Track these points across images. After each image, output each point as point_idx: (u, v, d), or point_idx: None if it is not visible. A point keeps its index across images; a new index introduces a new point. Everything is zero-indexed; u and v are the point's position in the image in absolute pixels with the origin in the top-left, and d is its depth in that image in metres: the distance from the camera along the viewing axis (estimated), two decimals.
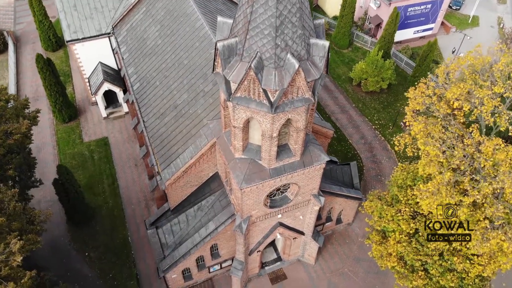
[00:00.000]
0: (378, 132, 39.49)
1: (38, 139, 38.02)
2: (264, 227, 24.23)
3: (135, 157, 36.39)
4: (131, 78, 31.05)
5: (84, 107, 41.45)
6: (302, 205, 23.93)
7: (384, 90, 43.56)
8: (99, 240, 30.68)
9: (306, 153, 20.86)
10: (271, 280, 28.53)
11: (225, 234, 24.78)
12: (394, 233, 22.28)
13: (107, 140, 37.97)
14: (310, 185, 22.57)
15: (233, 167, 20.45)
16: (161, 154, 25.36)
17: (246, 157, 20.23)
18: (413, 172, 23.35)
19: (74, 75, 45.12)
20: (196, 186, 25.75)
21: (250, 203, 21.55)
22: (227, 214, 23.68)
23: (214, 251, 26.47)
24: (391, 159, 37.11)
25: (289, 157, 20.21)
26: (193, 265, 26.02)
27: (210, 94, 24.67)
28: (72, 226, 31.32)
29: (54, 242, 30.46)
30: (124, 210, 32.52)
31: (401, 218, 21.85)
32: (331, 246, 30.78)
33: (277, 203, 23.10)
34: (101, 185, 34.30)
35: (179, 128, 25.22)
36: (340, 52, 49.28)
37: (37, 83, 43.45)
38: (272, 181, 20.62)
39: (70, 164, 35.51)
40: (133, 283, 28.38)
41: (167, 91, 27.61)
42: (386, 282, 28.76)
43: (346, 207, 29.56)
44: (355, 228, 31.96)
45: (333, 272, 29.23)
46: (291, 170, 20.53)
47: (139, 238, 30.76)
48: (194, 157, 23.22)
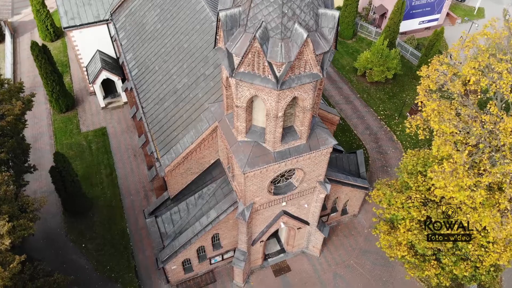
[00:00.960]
0: (384, 123, 38.45)
1: (35, 129, 37.14)
2: (268, 215, 23.22)
3: (134, 147, 35.40)
4: (130, 64, 30.04)
5: (82, 97, 40.45)
6: (308, 193, 22.92)
7: (390, 80, 42.54)
8: (97, 231, 29.68)
9: (313, 136, 19.85)
10: (275, 272, 27.51)
11: (227, 223, 23.78)
12: (404, 221, 21.27)
13: (105, 130, 36.98)
14: (316, 171, 21.56)
15: (236, 151, 19.44)
16: (160, 140, 24.36)
17: (249, 140, 19.22)
18: (423, 158, 22.35)
19: (72, 65, 44.17)
20: (197, 174, 24.74)
21: (253, 189, 20.54)
22: (229, 201, 22.67)
23: (216, 241, 25.47)
24: (397, 149, 36.07)
25: (294, 140, 19.19)
26: (193, 256, 25.02)
27: (212, 77, 23.65)
28: (69, 217, 30.34)
29: (49, 234, 29.48)
30: (122, 201, 31.52)
31: (412, 205, 20.85)
32: (336, 237, 29.76)
33: (281, 190, 22.09)
34: (98, 175, 33.31)
35: (179, 113, 24.20)
36: (344, 43, 48.23)
37: (34, 74, 42.53)
38: (277, 166, 19.61)
39: (67, 154, 34.46)
40: (131, 275, 27.38)
41: (166, 76, 26.59)
42: (393, 274, 27.73)
43: (352, 197, 28.53)
44: (361, 219, 30.94)
45: (338, 264, 28.21)
46: (296, 154, 19.52)
47: (138, 230, 29.77)
48: (194, 142, 22.19)
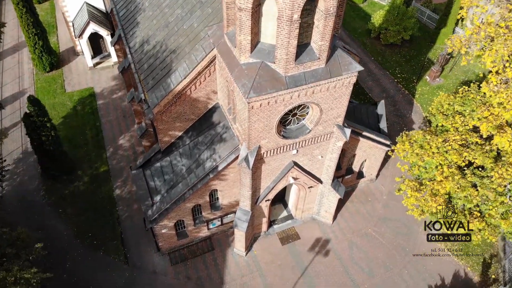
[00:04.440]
0: (401, 86, 34.76)
1: (15, 89, 33.61)
2: (275, 166, 19.59)
3: (123, 109, 31.77)
4: (117, 5, 26.34)
5: (68, 58, 36.79)
6: (323, 139, 19.28)
7: (406, 43, 38.83)
8: (78, 195, 26.06)
9: (333, 60, 16.20)
10: (281, 240, 23.90)
11: (227, 179, 20.18)
12: (441, 167, 17.62)
13: (92, 91, 33.32)
14: (334, 109, 17.91)
15: (238, 76, 15.79)
16: (149, 80, 20.71)
17: (255, 61, 15.57)
18: (461, 97, 18.76)
19: (59, 27, 40.55)
20: (192, 121, 21.14)
21: (259, 128, 16.90)
22: (229, 147, 19.03)
23: (214, 201, 21.89)
24: (417, 113, 32.40)
25: (311, 61, 15.53)
26: (188, 216, 21.41)
27: (209, 3, 19.98)
28: (48, 180, 26.73)
29: (25, 196, 25.89)
30: (108, 163, 27.89)
31: (450, 148, 17.23)
32: (351, 204, 26.13)
33: (292, 133, 18.45)
34: (83, 136, 29.66)
35: (171, 48, 20.54)
36: (356, 6, 44.49)
37: (19, 35, 39.03)
38: (289, 95, 15.95)
39: (50, 114, 30.82)
40: (116, 243, 23.77)
41: (157, 11, 22.94)
42: (417, 244, 24.08)
43: (370, 156, 24.88)
44: (378, 185, 27.29)
45: (354, 233, 24.59)
46: (313, 80, 15.86)
47: (126, 194, 26.16)
48: (188, 75, 18.51)
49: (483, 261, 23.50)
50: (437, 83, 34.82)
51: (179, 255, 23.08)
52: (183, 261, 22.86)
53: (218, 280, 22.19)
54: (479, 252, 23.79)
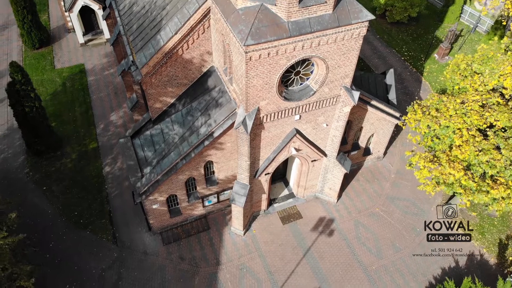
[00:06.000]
0: (409, 64, 33.02)
1: (3, 65, 31.86)
2: (276, 133, 17.87)
3: (115, 85, 30.06)
4: None
5: (59, 35, 35.12)
6: (329, 104, 17.56)
7: (413, 22, 37.09)
8: (65, 172, 24.36)
9: (341, 6, 14.47)
10: (282, 219, 22.18)
11: (224, 148, 18.47)
12: (459, 131, 15.88)
13: (83, 67, 31.62)
14: (342, 67, 16.19)
15: (235, 22, 14.06)
16: (137, 42, 18.96)
17: (254, 5, 13.85)
18: (481, 56, 17.04)
19: (51, 4, 38.93)
20: (185, 86, 19.41)
21: (258, 85, 15.17)
22: (226, 112, 17.29)
23: (209, 175, 20.17)
24: (426, 91, 30.65)
25: (317, 4, 13.79)
26: (181, 191, 19.69)
27: None
28: (33, 157, 25.03)
29: (8, 173, 24.20)
30: (98, 140, 26.18)
31: (470, 109, 15.50)
32: (357, 183, 24.40)
33: (295, 95, 16.72)
34: (72, 113, 27.96)
35: (162, 5, 18.82)
36: None
37: (9, 12, 37.31)
38: (291, 45, 14.22)
39: (38, 91, 29.11)
40: (104, 221, 22.06)
41: None
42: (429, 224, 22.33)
43: (378, 130, 23.15)
44: (386, 163, 25.57)
45: (361, 212, 22.87)
46: (319, 28, 14.13)
47: (116, 171, 24.46)
48: (179, 31, 16.76)
49: (499, 242, 21.81)
50: (446, 61, 33.07)
51: (172, 235, 21.37)
52: (176, 241, 21.15)
53: (213, 260, 20.48)
54: (495, 232, 22.12)
